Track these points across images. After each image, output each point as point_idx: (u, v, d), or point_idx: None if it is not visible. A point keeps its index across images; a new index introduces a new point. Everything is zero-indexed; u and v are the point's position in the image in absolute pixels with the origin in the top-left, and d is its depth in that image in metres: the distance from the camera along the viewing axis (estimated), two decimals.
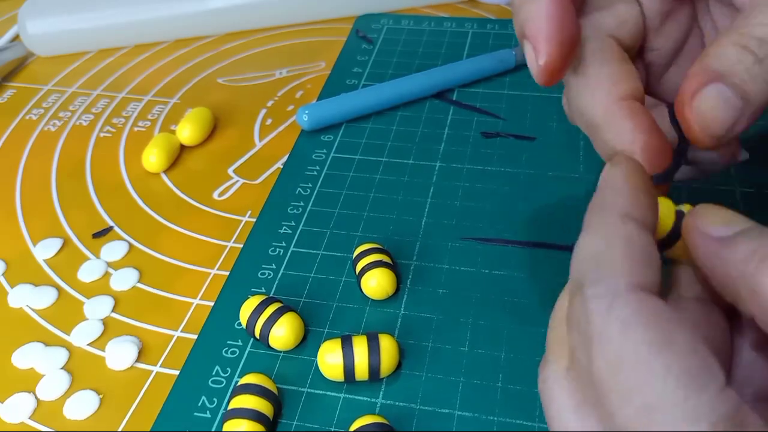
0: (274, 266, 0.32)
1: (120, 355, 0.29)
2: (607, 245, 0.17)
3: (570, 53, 0.22)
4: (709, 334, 0.20)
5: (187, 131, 0.39)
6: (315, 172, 0.37)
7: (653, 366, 0.15)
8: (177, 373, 0.28)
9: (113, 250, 0.34)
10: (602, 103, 0.22)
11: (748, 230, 0.17)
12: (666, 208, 0.20)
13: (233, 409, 0.25)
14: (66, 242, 0.35)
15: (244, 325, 0.29)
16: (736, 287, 0.17)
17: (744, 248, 0.17)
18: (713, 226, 0.18)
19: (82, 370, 0.29)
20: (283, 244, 0.33)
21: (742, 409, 0.15)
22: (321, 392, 0.27)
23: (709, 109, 0.20)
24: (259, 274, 0.32)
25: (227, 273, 0.32)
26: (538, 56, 0.21)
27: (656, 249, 0.18)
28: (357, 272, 0.30)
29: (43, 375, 0.29)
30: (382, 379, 0.27)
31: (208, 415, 0.26)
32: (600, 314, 0.16)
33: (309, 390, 0.27)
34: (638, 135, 0.21)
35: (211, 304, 0.31)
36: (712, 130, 0.20)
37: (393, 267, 0.30)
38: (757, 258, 0.17)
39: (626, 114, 0.22)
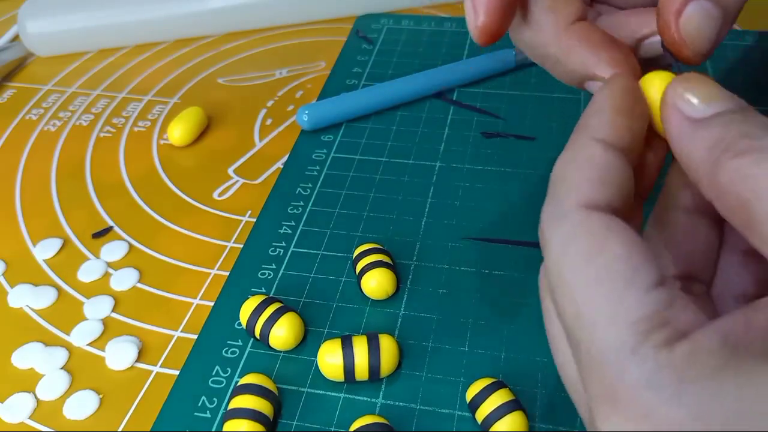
0: (274, 266, 0.32)
1: (120, 355, 0.29)
2: (570, 165, 0.18)
3: (508, 15, 0.22)
4: (689, 247, 0.20)
5: (178, 131, 0.39)
6: (315, 172, 0.37)
7: (584, 275, 0.16)
8: (177, 373, 0.28)
9: (113, 250, 0.34)
10: (552, 36, 0.22)
11: (722, 114, 0.17)
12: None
13: (233, 409, 0.25)
14: (66, 242, 0.35)
15: (244, 325, 0.29)
16: (699, 174, 0.17)
17: (712, 134, 0.17)
18: (691, 104, 0.18)
19: (81, 370, 0.29)
20: (283, 244, 0.33)
21: (673, 308, 0.16)
22: (321, 392, 0.27)
23: (695, 27, 0.20)
24: (259, 274, 0.32)
25: (227, 273, 0.32)
26: (477, 17, 0.22)
27: (623, 168, 0.18)
28: (357, 272, 0.30)
29: (43, 375, 0.29)
30: (382, 379, 0.27)
31: (208, 415, 0.26)
32: (549, 229, 0.18)
33: (309, 390, 0.27)
34: (599, 57, 0.21)
35: (211, 304, 0.31)
36: (700, 48, 0.20)
37: (393, 267, 0.30)
38: (720, 147, 0.17)
39: (580, 40, 0.22)
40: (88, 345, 0.30)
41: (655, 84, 0.20)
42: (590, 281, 0.16)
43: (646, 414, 0.15)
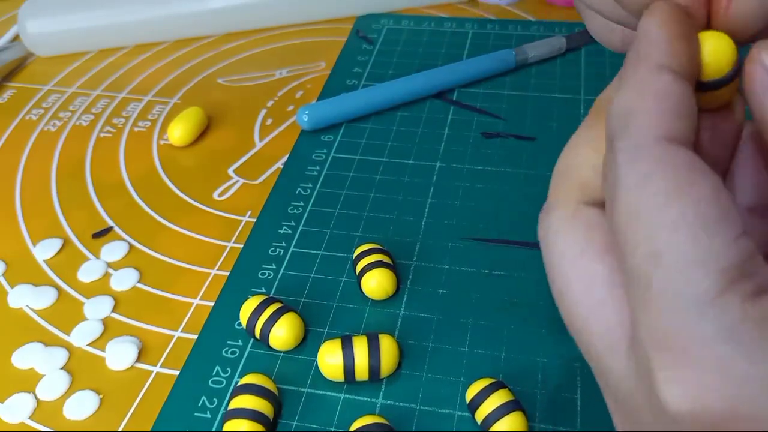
0: (274, 266, 0.32)
1: (120, 355, 0.29)
2: (639, 98, 0.17)
3: None
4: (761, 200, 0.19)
5: (178, 131, 0.39)
6: (315, 172, 0.37)
7: (666, 215, 0.15)
8: (177, 373, 0.28)
9: (113, 250, 0.34)
10: None
11: None
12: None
13: (233, 410, 0.25)
14: (66, 242, 0.35)
15: (244, 325, 0.29)
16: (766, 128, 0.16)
17: None
18: None
19: (81, 370, 0.29)
20: (283, 244, 0.33)
21: (755, 261, 0.14)
22: (321, 392, 0.27)
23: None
24: (259, 274, 0.32)
25: (227, 273, 0.32)
26: None
27: (693, 99, 0.17)
28: (357, 272, 0.30)
29: (43, 375, 0.29)
30: (382, 379, 0.27)
31: (208, 415, 0.26)
32: (624, 166, 0.16)
33: (309, 390, 0.27)
34: None
35: (212, 304, 0.31)
36: (751, 25, 0.18)
37: (393, 267, 0.30)
38: None
39: None
40: (88, 345, 0.30)
41: (709, 42, 0.18)
42: (675, 221, 0.15)
43: (719, 368, 0.14)
